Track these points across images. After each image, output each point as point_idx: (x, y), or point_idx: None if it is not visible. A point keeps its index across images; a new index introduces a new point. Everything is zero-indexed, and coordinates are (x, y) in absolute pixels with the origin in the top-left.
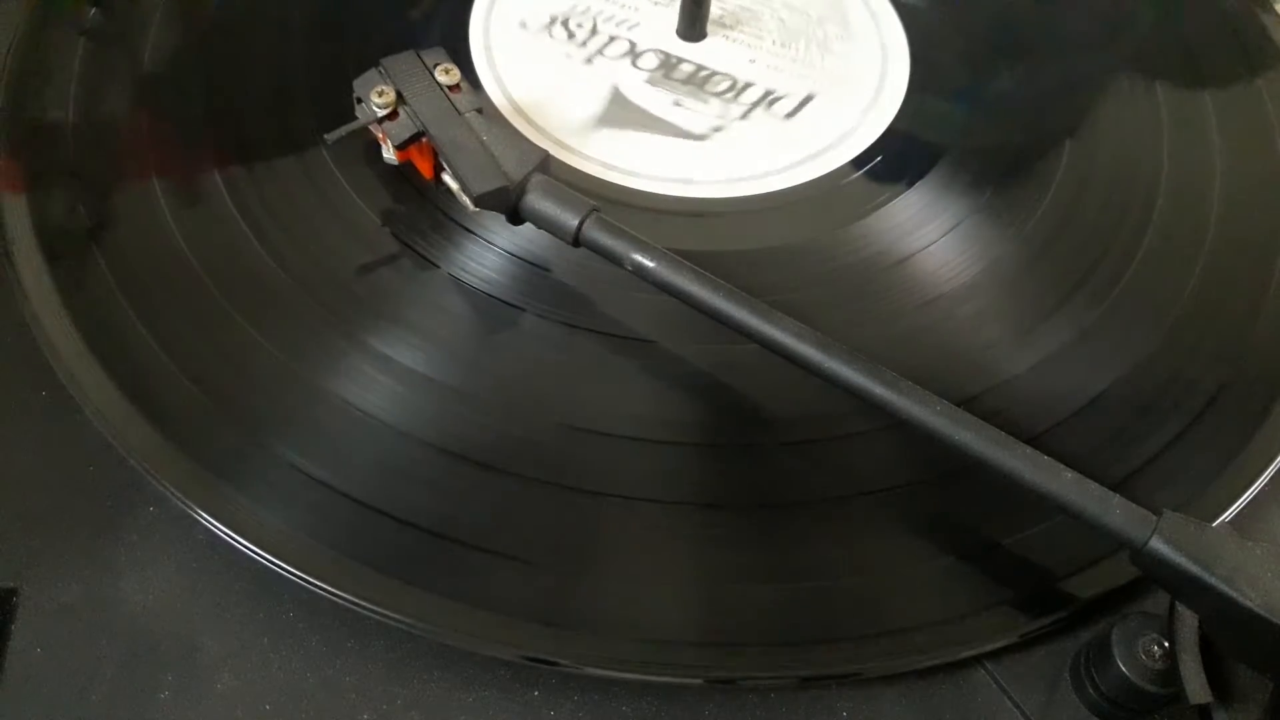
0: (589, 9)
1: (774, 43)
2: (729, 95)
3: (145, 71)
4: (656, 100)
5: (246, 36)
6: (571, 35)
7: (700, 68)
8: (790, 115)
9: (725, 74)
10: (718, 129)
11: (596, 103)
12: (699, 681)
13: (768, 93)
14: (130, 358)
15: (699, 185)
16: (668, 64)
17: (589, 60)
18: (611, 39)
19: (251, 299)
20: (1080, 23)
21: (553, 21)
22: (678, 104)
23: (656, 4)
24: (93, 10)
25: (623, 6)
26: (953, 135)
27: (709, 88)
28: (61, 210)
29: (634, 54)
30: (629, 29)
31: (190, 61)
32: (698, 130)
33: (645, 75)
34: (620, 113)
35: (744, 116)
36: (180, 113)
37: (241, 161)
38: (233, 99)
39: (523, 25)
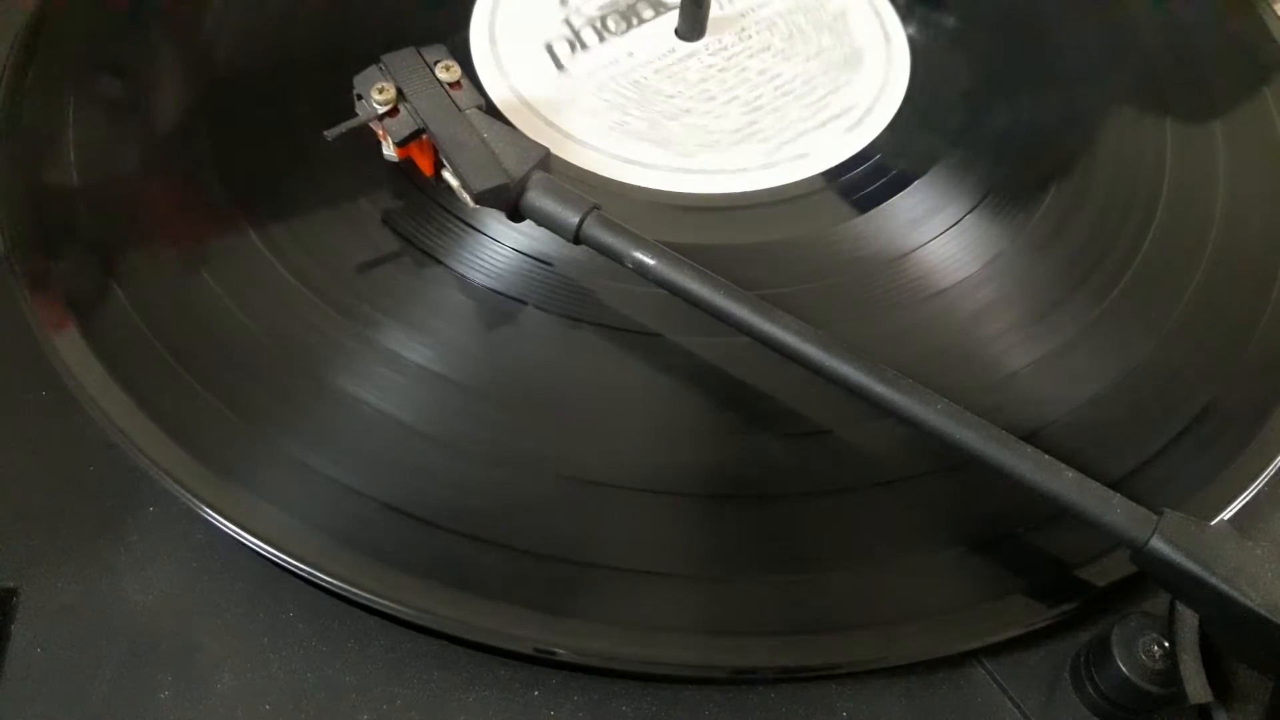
0: (584, 29)
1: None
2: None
3: (142, 73)
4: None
5: (244, 33)
6: (586, 47)
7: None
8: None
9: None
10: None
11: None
12: (698, 679)
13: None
14: (130, 356)
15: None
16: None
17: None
18: (629, 54)
19: (252, 295)
20: (1087, 25)
21: (573, 38)
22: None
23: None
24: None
25: (619, 20)
26: (953, 134)
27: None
28: (61, 211)
29: (676, 54)
30: (634, 39)
31: (188, 59)
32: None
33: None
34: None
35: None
36: (179, 113)
37: (239, 157)
38: (230, 94)
39: (549, 50)
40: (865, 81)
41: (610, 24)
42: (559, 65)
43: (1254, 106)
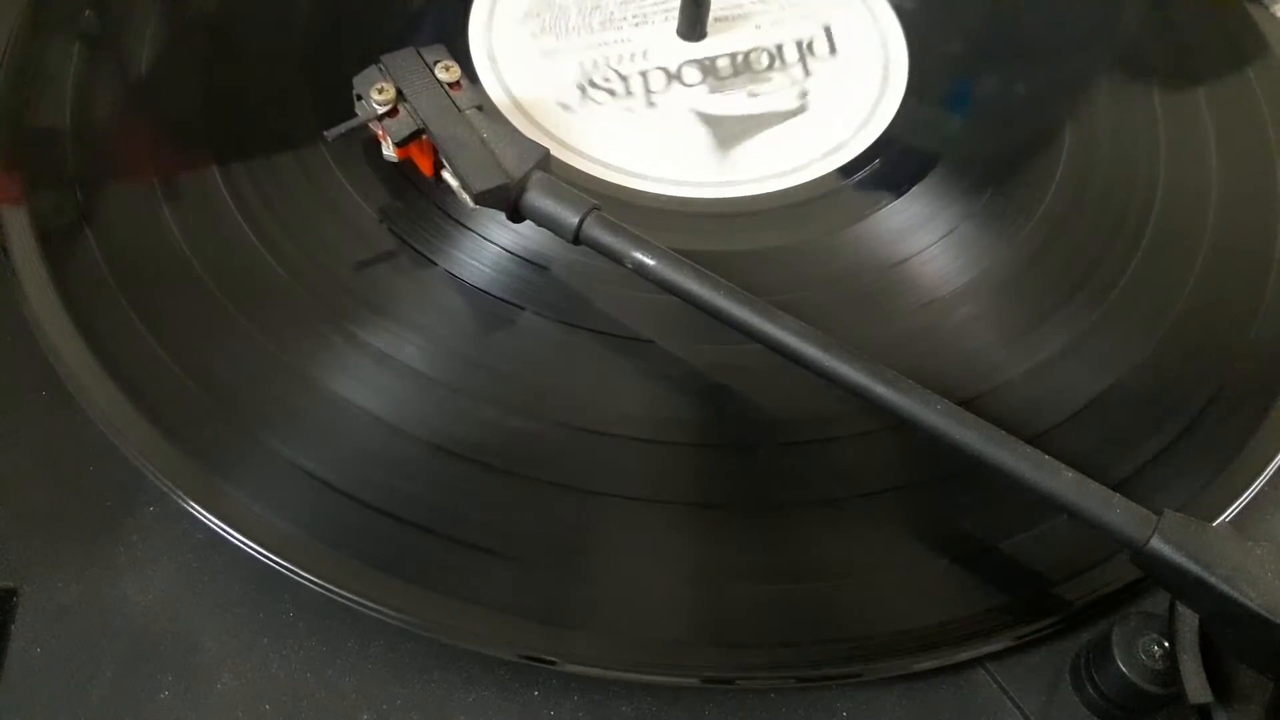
0: (596, 61)
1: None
2: (778, 65)
3: (142, 73)
4: (737, 102)
5: (245, 34)
6: (613, 93)
7: (733, 55)
8: (834, 51)
9: (755, 49)
10: (804, 94)
11: (699, 134)
12: (698, 681)
13: (799, 41)
14: (130, 357)
15: (694, 182)
16: (707, 68)
17: (651, 104)
18: (644, 74)
19: (251, 297)
20: (1076, 28)
21: (584, 90)
22: (753, 95)
23: (637, 25)
24: (87, 12)
25: (615, 43)
26: (950, 138)
27: (757, 67)
28: (61, 212)
29: (676, 77)
30: (645, 58)
31: (188, 60)
32: (792, 105)
33: (704, 88)
34: (727, 130)
35: (808, 74)
36: (178, 112)
37: (240, 160)
38: (231, 97)
39: (565, 106)
40: (862, 86)
41: (631, 66)
42: (631, 123)
43: (1245, 106)
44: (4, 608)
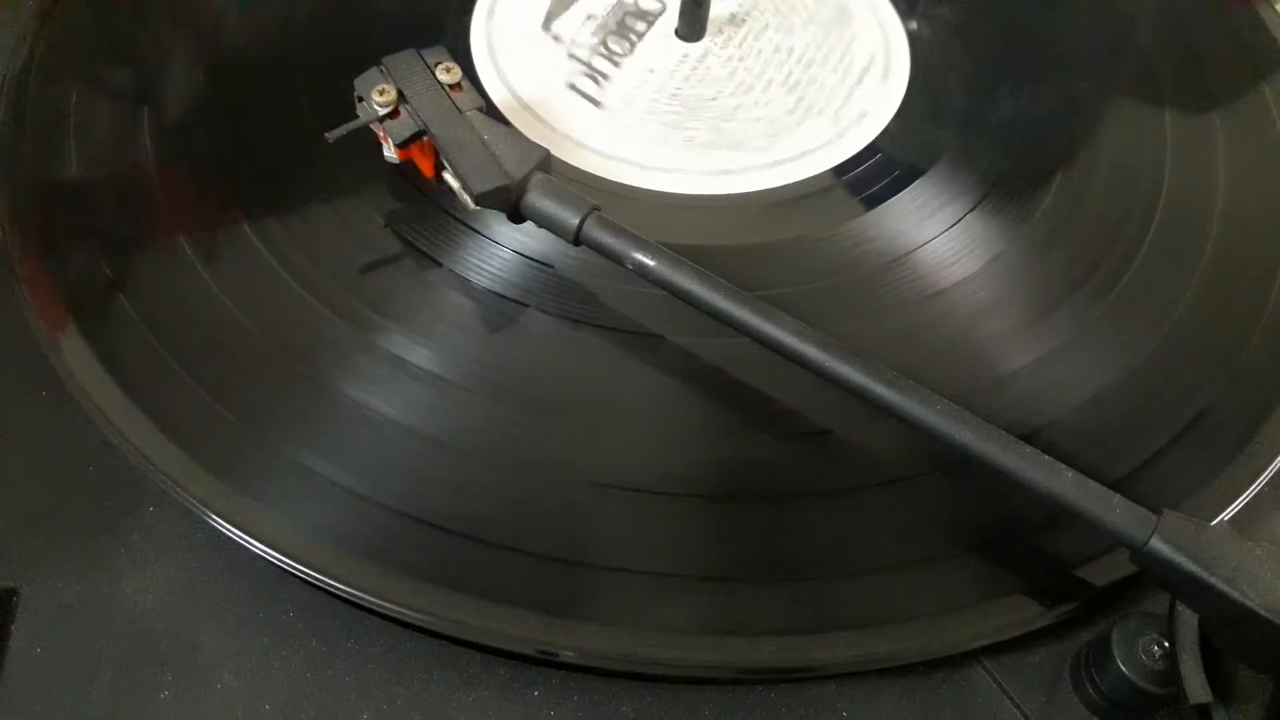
0: (592, 50)
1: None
2: (775, 68)
3: (143, 70)
4: (727, 100)
5: (245, 34)
6: (603, 78)
7: (729, 57)
8: (839, 60)
9: (754, 52)
10: (799, 99)
11: (690, 131)
12: (697, 680)
13: (801, 48)
14: (130, 356)
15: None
16: (698, 67)
17: (639, 97)
18: (636, 68)
19: (252, 296)
20: (1086, 27)
21: (577, 82)
22: (744, 94)
23: (640, 21)
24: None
25: (617, 34)
26: (952, 134)
27: (752, 69)
28: (63, 208)
29: (668, 73)
30: (640, 53)
31: (189, 61)
32: (787, 105)
33: (696, 85)
34: (715, 126)
35: (806, 79)
36: (181, 113)
37: (241, 159)
38: (231, 96)
39: (560, 99)
40: (866, 31)
41: (614, 46)
42: (596, 103)
43: (1254, 105)
44: (4, 608)
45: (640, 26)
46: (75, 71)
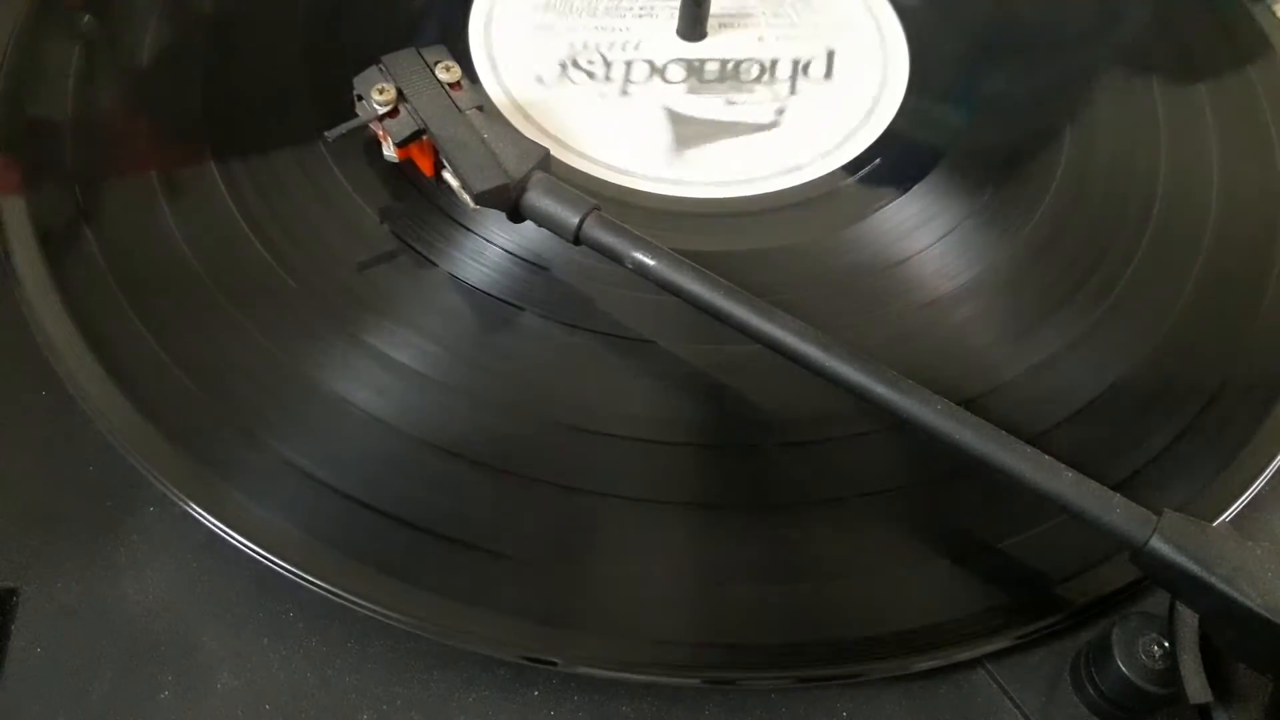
0: (587, 43)
1: (769, 14)
2: (766, 78)
3: (143, 72)
4: (710, 106)
5: (246, 35)
6: (591, 75)
7: (724, 61)
8: (828, 76)
9: (748, 59)
10: (780, 111)
11: (661, 130)
12: (698, 681)
13: (795, 61)
14: (130, 357)
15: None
16: (694, 69)
17: (624, 93)
18: (629, 64)
19: (251, 297)
20: (1077, 26)
21: (565, 67)
22: (730, 102)
23: (641, 17)
24: (86, 17)
25: (613, 30)
26: (951, 137)
27: (744, 77)
28: (60, 210)
29: (659, 71)
30: (635, 49)
31: (189, 61)
32: (765, 119)
33: (684, 87)
34: (689, 131)
35: (793, 91)
36: (179, 111)
37: (241, 160)
38: (232, 97)
39: (540, 80)
40: (863, 30)
41: (618, 54)
42: (597, 103)
43: (1247, 106)
44: (4, 608)
45: (640, 27)
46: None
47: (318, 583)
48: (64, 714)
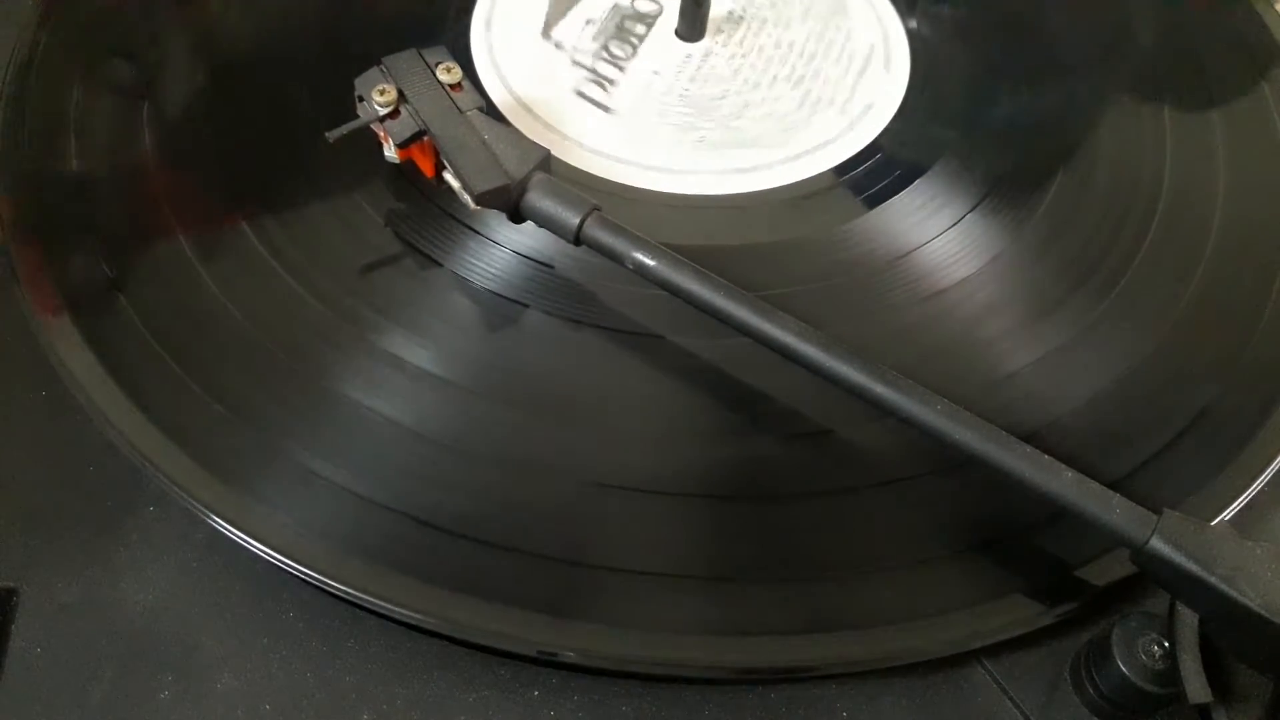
0: (588, 43)
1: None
2: (776, 69)
3: (143, 72)
4: (711, 104)
5: (245, 34)
6: (593, 75)
7: (730, 56)
8: (833, 69)
9: (755, 51)
10: (805, 95)
11: (663, 129)
12: (699, 676)
13: (802, 46)
14: (130, 356)
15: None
16: (694, 67)
17: (625, 93)
18: (630, 64)
19: (252, 296)
20: (1086, 26)
21: (565, 67)
22: (744, 95)
23: (642, 20)
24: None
25: (617, 31)
26: (953, 133)
27: (754, 69)
28: (63, 206)
29: (666, 73)
30: (639, 51)
31: (189, 61)
32: (772, 114)
33: (684, 83)
34: (714, 125)
35: (808, 77)
36: (181, 112)
37: (241, 159)
38: (231, 96)
39: (541, 79)
40: (864, 21)
41: (616, 50)
42: (605, 108)
43: (1254, 104)
44: (4, 608)
45: (639, 29)
46: (76, 68)
47: (319, 578)
48: (64, 714)
